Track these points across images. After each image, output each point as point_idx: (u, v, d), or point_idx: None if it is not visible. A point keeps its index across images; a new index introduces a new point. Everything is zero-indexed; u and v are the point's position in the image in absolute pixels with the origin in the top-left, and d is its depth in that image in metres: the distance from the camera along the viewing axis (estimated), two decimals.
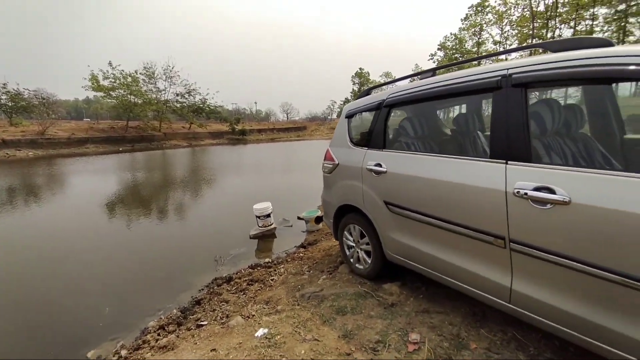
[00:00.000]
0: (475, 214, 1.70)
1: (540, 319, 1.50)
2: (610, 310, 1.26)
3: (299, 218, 6.04)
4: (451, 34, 37.90)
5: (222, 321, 2.66)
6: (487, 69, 1.78)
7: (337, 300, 2.41)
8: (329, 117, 76.74)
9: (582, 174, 1.34)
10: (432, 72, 2.28)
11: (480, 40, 35.86)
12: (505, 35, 33.35)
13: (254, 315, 2.55)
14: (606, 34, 24.32)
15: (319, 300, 2.47)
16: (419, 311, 2.19)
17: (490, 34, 35.14)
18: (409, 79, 2.64)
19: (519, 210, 1.49)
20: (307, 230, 5.48)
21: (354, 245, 2.84)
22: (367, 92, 2.98)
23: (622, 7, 22.70)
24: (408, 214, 2.14)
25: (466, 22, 36.37)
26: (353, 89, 59.38)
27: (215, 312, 2.96)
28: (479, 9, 34.71)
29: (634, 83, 2.40)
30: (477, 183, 1.68)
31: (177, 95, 43.47)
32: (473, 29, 36.11)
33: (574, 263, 1.32)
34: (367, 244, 2.66)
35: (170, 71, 42.10)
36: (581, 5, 25.19)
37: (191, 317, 3.01)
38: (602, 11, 24.68)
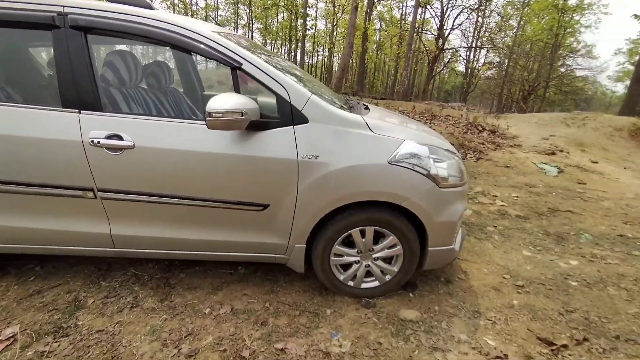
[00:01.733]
0: (60, 170, 1.56)
1: (142, 250, 1.73)
2: (184, 226, 1.66)
3: None
4: None
5: None
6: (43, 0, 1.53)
7: None
8: None
9: (148, 121, 1.56)
10: None
11: None
12: None
13: None
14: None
15: None
16: (26, 296, 1.82)
17: None
18: None
19: (98, 159, 1.52)
20: None
21: None
22: None
23: None
24: None
25: None
26: None
27: None
28: None
29: None
30: (55, 136, 1.52)
31: None
32: None
33: (151, 197, 1.58)
34: None
35: None
36: None
37: None
38: None
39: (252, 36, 33.83)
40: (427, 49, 22.56)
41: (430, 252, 1.69)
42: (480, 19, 22.42)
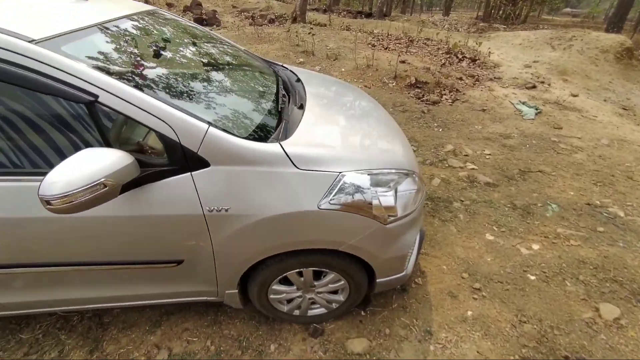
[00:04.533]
0: None
1: (51, 309, 1.49)
2: (92, 286, 1.39)
3: None
4: None
5: None
6: None
7: None
8: None
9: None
10: None
11: None
12: None
13: None
14: None
15: None
16: None
17: None
18: None
19: None
20: None
21: None
22: None
23: None
24: None
25: None
26: None
27: None
28: None
29: None
30: None
31: None
32: None
33: (34, 267, 1.27)
34: None
35: None
36: None
37: None
38: None
39: None
40: None
41: (378, 282, 1.51)
42: None
